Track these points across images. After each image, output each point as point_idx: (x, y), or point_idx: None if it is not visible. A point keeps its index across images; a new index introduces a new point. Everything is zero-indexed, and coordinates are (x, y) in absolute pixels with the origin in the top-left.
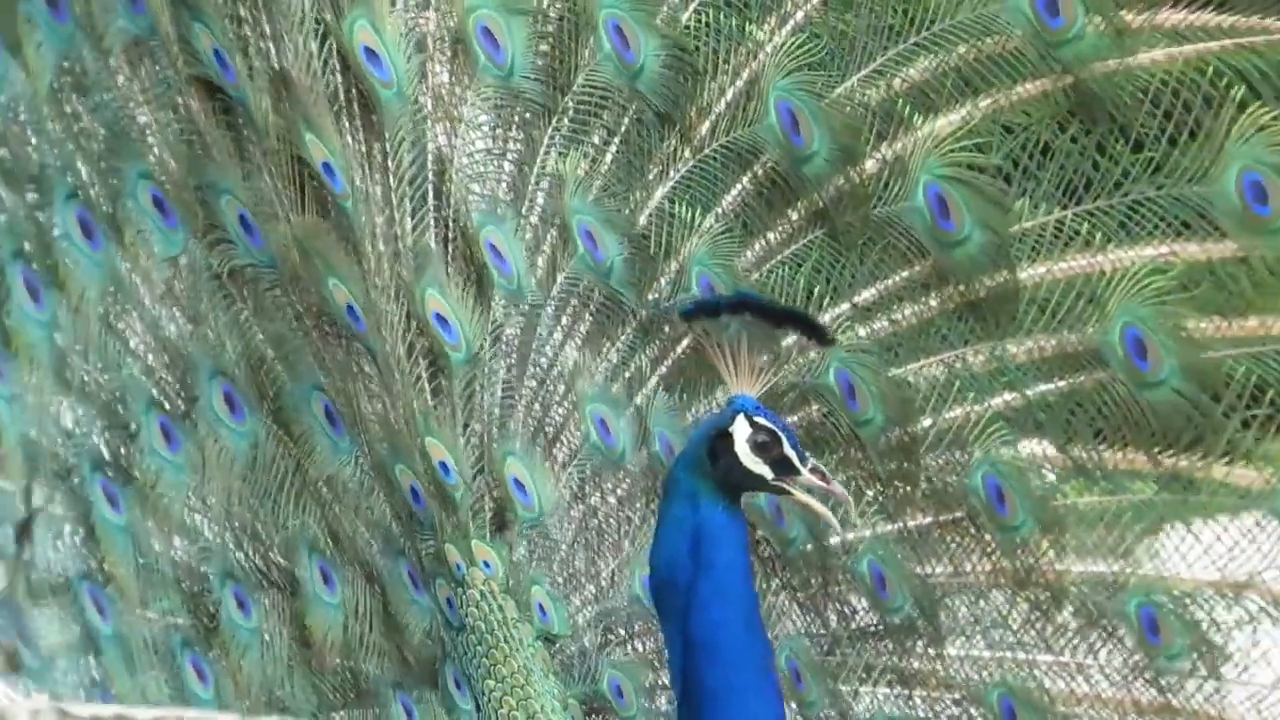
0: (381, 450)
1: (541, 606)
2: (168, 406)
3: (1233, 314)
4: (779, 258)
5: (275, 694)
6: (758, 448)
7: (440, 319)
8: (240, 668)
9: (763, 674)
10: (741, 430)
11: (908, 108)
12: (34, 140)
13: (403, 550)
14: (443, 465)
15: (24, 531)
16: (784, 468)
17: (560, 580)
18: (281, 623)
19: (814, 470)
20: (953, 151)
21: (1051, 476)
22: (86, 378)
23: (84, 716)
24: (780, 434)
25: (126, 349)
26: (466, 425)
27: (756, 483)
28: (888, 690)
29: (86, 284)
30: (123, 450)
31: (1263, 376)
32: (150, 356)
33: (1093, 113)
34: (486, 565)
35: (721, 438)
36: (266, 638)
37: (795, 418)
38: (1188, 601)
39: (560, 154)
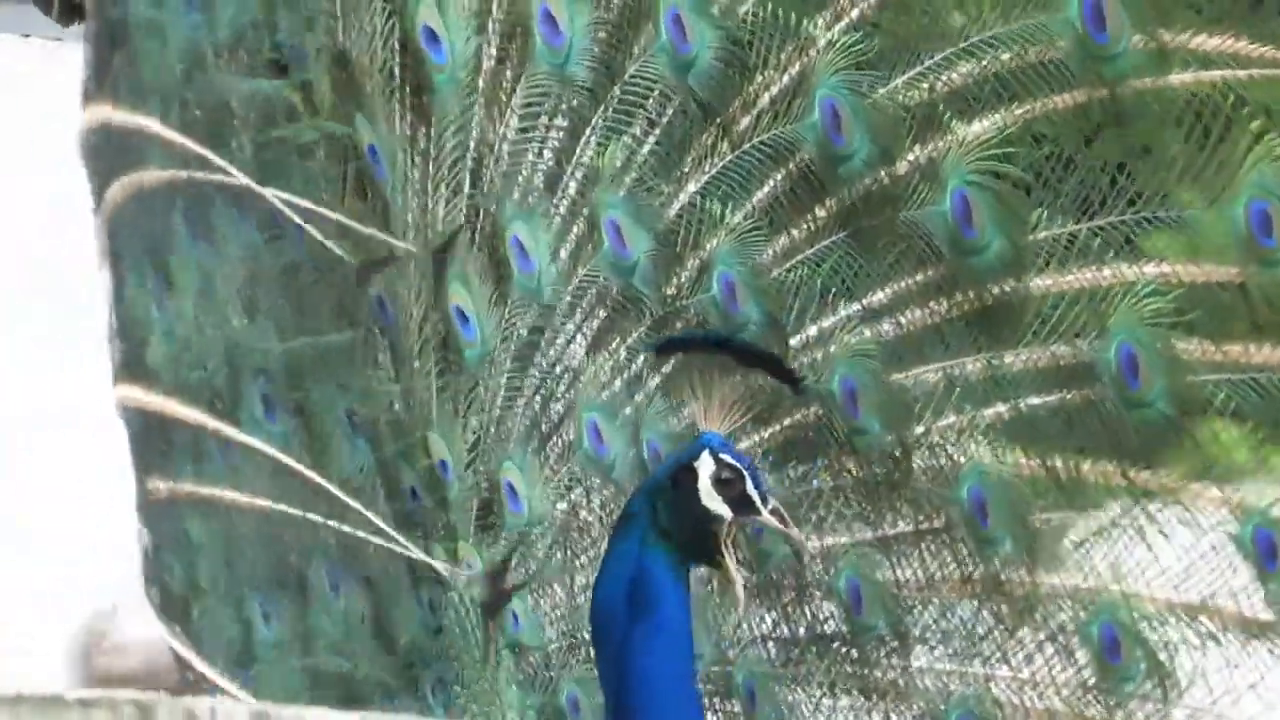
0: (388, 448)
1: (515, 615)
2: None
3: (1221, 339)
4: (800, 256)
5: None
6: (720, 484)
7: (460, 313)
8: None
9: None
10: (706, 466)
11: (947, 112)
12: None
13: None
14: (442, 464)
15: None
16: (744, 507)
17: (535, 588)
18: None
19: (774, 512)
20: (981, 159)
21: (1031, 491)
22: None
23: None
24: (744, 472)
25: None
26: (465, 423)
27: (712, 523)
28: (849, 701)
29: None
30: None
31: (1240, 403)
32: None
33: (1123, 129)
34: (469, 568)
35: (686, 472)
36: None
37: (790, 420)
38: (1145, 624)
39: (600, 144)
